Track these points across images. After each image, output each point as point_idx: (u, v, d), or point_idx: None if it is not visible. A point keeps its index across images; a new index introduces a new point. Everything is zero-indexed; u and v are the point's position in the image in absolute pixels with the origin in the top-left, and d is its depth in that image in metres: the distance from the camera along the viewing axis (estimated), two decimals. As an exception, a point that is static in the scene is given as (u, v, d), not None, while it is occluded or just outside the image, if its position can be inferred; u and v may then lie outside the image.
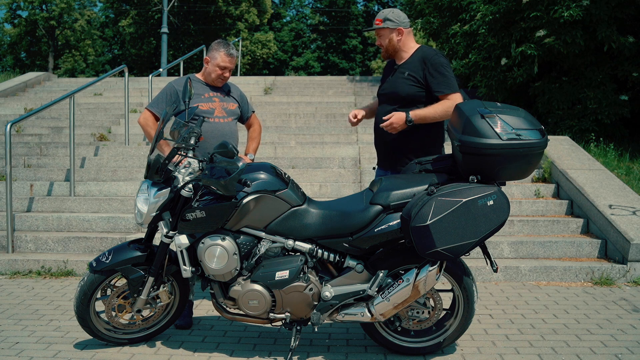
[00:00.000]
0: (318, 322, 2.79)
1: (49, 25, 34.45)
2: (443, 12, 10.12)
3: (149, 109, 3.56)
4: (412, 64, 3.19)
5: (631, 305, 3.87)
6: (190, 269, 2.85)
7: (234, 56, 3.54)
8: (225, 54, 3.49)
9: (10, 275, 4.67)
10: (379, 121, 3.21)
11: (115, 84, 11.67)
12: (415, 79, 3.14)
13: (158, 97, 3.58)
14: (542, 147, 2.65)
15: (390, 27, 3.20)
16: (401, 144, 3.20)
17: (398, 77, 3.21)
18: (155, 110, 3.53)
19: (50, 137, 7.89)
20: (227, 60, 3.50)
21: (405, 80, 3.16)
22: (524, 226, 5.16)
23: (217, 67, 3.50)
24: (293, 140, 7.72)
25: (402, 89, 3.16)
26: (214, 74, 3.53)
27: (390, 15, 3.20)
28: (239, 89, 3.79)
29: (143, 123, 3.57)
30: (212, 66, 3.52)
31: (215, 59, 3.50)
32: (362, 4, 41.88)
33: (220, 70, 3.51)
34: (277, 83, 12.08)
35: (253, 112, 3.87)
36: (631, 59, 7.52)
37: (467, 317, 2.91)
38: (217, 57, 3.49)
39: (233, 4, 30.07)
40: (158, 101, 3.55)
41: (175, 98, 3.49)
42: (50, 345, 3.13)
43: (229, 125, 3.59)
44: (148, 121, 3.55)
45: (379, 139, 3.35)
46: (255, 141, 3.83)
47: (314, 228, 2.83)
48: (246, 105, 3.78)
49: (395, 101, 3.20)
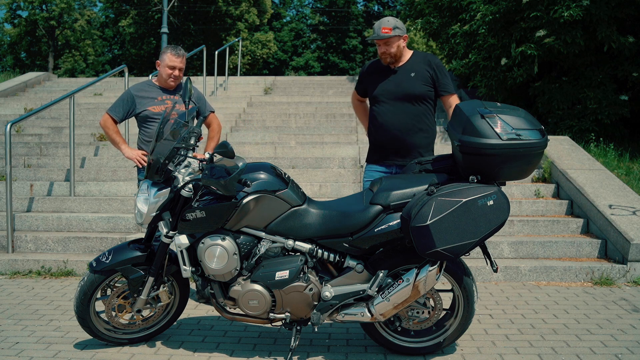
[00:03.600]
0: (318, 322, 2.79)
1: (49, 25, 34.46)
2: (443, 12, 10.12)
3: (108, 113, 3.81)
4: (415, 66, 3.41)
5: (631, 305, 3.87)
6: (190, 269, 2.85)
7: (180, 55, 3.76)
8: (172, 54, 3.73)
9: (10, 275, 4.67)
10: (392, 119, 3.40)
11: (115, 84, 11.68)
12: (424, 79, 3.38)
13: (116, 102, 3.82)
14: (542, 147, 2.65)
15: (399, 35, 3.37)
16: (411, 139, 3.40)
17: (404, 78, 3.40)
18: (113, 114, 3.78)
19: (50, 137, 7.89)
20: (174, 59, 3.73)
21: (415, 80, 3.38)
22: (524, 226, 5.16)
23: (166, 67, 3.73)
24: (293, 140, 7.73)
25: (415, 88, 3.38)
26: (164, 74, 3.75)
27: (398, 24, 3.38)
28: (198, 90, 3.94)
29: (103, 125, 3.83)
30: (162, 67, 3.75)
31: (164, 60, 3.74)
32: (362, 4, 41.93)
33: (169, 69, 3.73)
34: (277, 83, 12.08)
35: (212, 112, 4.01)
36: (631, 59, 7.52)
37: (467, 317, 2.91)
38: (165, 58, 3.74)
39: (233, 4, 30.06)
40: (116, 106, 3.80)
41: (131, 103, 3.74)
42: (50, 345, 3.13)
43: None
44: (107, 123, 3.81)
45: (386, 135, 3.44)
46: (214, 140, 3.99)
47: (314, 228, 2.83)
48: (204, 104, 3.94)
49: (406, 99, 3.39)
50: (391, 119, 3.40)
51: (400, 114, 3.39)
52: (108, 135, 3.85)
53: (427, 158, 3.00)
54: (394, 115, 3.40)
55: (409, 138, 3.39)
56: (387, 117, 3.42)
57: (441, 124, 8.47)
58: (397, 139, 3.41)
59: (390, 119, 3.41)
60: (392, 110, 3.41)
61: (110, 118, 3.80)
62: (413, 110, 3.39)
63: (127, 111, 3.78)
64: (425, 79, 3.39)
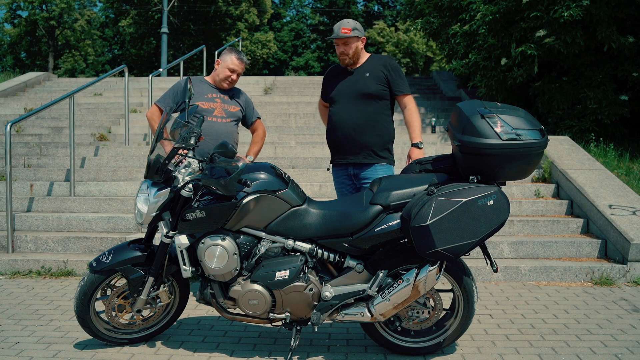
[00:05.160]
0: (318, 322, 2.79)
1: (49, 25, 34.47)
2: (443, 12, 10.12)
3: (156, 104, 3.76)
4: (370, 67, 3.54)
5: (631, 305, 3.87)
6: (190, 269, 2.85)
7: (243, 62, 3.77)
8: (236, 57, 3.72)
9: (10, 275, 4.67)
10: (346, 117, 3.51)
11: (115, 84, 11.68)
12: (379, 79, 3.50)
13: (167, 93, 3.78)
14: (542, 147, 2.65)
15: (357, 36, 3.50)
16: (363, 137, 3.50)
17: (359, 78, 3.53)
18: (162, 105, 3.73)
19: (50, 137, 7.89)
20: (237, 63, 3.72)
21: (369, 80, 3.50)
22: (524, 226, 5.16)
23: (227, 68, 3.72)
24: (293, 140, 7.73)
25: (368, 87, 3.49)
26: (222, 75, 3.73)
27: (357, 26, 3.52)
28: (247, 96, 3.98)
29: (149, 117, 3.78)
30: (222, 68, 3.73)
31: (226, 61, 3.72)
32: (362, 4, 41.93)
33: (229, 72, 3.72)
34: (277, 83, 12.08)
35: (258, 118, 4.04)
36: (631, 59, 7.52)
37: (467, 317, 2.91)
38: (227, 59, 3.72)
39: (233, 4, 30.06)
40: (165, 97, 3.75)
41: (182, 95, 3.69)
42: (50, 345, 3.13)
43: (226, 125, 3.74)
44: (154, 115, 3.76)
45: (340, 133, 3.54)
46: (257, 145, 3.99)
47: (314, 228, 2.83)
48: (251, 110, 3.97)
49: (359, 98, 3.50)
50: (344, 118, 3.51)
51: (353, 112, 3.50)
52: (153, 128, 3.75)
53: (427, 158, 3.00)
54: (347, 115, 3.51)
55: (362, 136, 3.48)
56: (341, 117, 3.53)
57: (441, 124, 8.48)
58: (349, 137, 3.50)
59: (343, 118, 3.52)
60: (346, 109, 3.52)
61: (159, 110, 3.75)
62: (366, 109, 3.49)
63: (177, 103, 3.72)
64: (380, 79, 3.49)
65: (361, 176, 3.52)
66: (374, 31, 32.62)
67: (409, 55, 31.85)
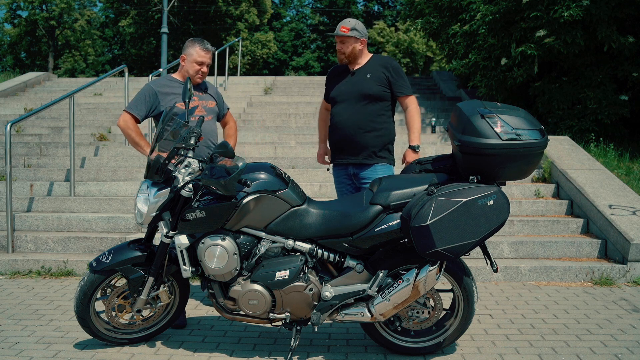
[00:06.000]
0: (318, 322, 2.79)
1: (49, 25, 34.47)
2: (443, 12, 10.12)
3: (128, 111, 3.44)
4: (372, 68, 3.53)
5: (631, 305, 3.87)
6: (190, 269, 2.85)
7: (210, 50, 3.51)
8: (201, 48, 3.47)
9: (10, 275, 4.67)
10: (346, 118, 3.51)
11: (115, 84, 11.68)
12: (380, 80, 3.50)
13: (136, 98, 3.48)
14: (542, 147, 2.65)
15: (355, 37, 3.50)
16: (363, 137, 3.50)
17: (360, 79, 3.52)
18: (134, 113, 3.42)
19: (50, 137, 7.89)
20: (203, 54, 3.47)
21: (370, 81, 3.50)
22: (524, 226, 5.16)
23: (195, 62, 3.47)
24: (293, 140, 7.72)
25: (370, 88, 3.48)
26: (192, 70, 3.48)
27: (357, 27, 3.52)
28: (214, 87, 3.78)
29: (123, 126, 3.43)
30: (190, 63, 3.48)
31: (192, 55, 3.47)
32: (362, 4, 41.92)
33: (197, 65, 3.47)
34: (277, 83, 12.08)
35: (228, 110, 3.86)
36: (631, 59, 7.52)
37: (467, 317, 2.91)
38: (193, 53, 3.47)
39: (233, 4, 30.06)
40: (137, 103, 3.44)
41: (154, 99, 3.43)
42: (50, 345, 3.13)
43: (209, 124, 3.54)
44: (128, 123, 3.42)
45: (340, 134, 3.54)
46: (233, 138, 3.84)
47: (314, 228, 2.83)
48: (222, 102, 3.76)
49: (360, 99, 3.50)
50: (345, 119, 3.52)
51: (353, 113, 3.50)
52: (129, 137, 3.42)
53: (427, 158, 3.00)
54: (348, 115, 3.52)
55: (362, 137, 3.48)
56: (342, 117, 3.54)
57: (441, 124, 8.48)
58: (349, 137, 3.50)
59: (344, 119, 3.53)
60: (347, 110, 3.53)
61: (132, 117, 3.41)
62: (367, 109, 3.49)
63: (150, 108, 3.43)
64: (381, 80, 3.49)
65: (361, 176, 3.53)
66: (374, 31, 32.64)
67: (409, 55, 31.87)
